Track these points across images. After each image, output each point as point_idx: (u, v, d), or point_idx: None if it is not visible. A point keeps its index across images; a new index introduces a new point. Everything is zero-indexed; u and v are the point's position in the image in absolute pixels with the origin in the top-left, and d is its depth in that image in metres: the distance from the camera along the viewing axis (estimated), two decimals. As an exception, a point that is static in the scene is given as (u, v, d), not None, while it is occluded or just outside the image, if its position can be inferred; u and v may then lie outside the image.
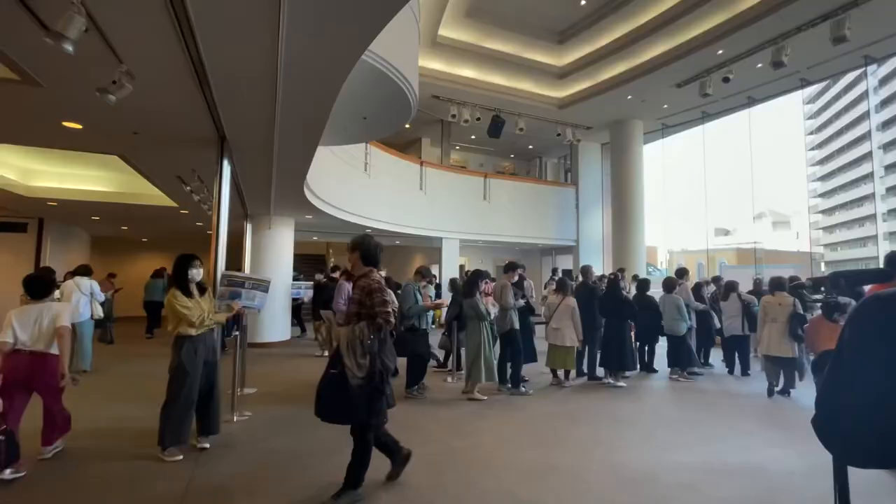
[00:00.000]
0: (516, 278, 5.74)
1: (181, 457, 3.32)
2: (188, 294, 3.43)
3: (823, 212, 44.61)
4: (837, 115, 41.90)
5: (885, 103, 36.07)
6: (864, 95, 38.08)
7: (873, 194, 36.19)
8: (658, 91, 10.04)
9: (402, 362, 5.04)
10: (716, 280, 7.50)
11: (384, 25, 2.48)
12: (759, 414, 4.74)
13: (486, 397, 5.13)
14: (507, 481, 3.09)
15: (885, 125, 35.90)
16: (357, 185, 9.02)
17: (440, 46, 9.36)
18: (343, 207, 8.47)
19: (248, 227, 8.66)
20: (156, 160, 5.11)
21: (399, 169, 10.47)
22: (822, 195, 44.36)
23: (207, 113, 3.51)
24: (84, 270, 6.43)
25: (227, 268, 4.30)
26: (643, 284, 6.73)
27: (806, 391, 5.41)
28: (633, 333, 6.53)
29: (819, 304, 1.09)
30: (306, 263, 14.54)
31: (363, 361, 2.53)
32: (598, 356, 6.15)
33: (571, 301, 5.84)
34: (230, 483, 3.04)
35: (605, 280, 6.89)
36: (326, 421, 2.73)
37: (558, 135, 11.80)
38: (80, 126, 4.00)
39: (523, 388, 5.44)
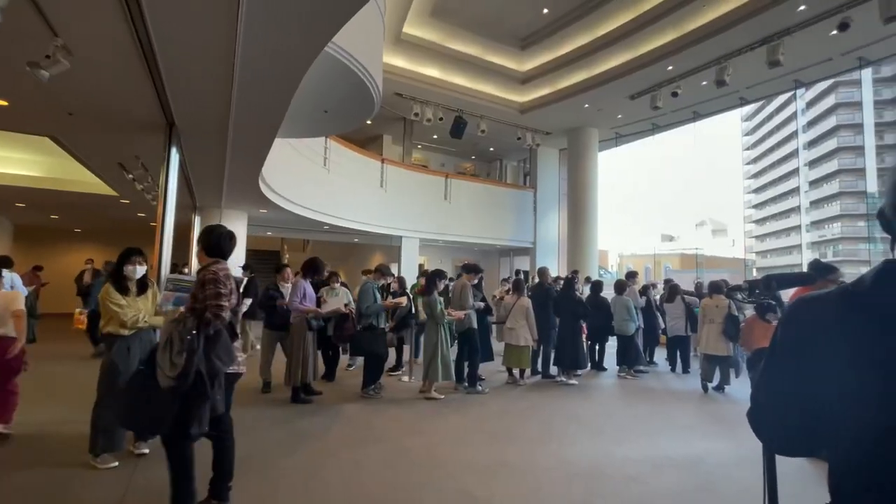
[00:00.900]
0: (476, 280, 5.80)
1: (116, 463, 3.08)
2: (124, 291, 3.18)
3: (756, 222, 48.38)
4: (770, 133, 45.60)
5: (810, 124, 39.66)
6: (793, 116, 41.74)
7: (799, 207, 39.63)
8: (613, 101, 10.47)
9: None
10: (668, 283, 7.87)
11: (349, 17, 2.43)
12: (697, 409, 5.06)
13: (443, 396, 5.15)
14: (463, 479, 3.12)
15: (811, 144, 39.48)
16: (315, 180, 8.78)
17: (404, 44, 9.30)
18: (300, 202, 8.22)
19: (197, 220, 8.21)
20: (94, 144, 4.73)
21: (359, 165, 10.29)
22: (756, 206, 48.09)
23: (155, 96, 3.29)
24: (3, 262, 5.84)
25: (173, 262, 4.05)
26: (596, 286, 7.00)
27: (739, 387, 5.83)
28: (584, 333, 6.77)
29: (753, 306, 1.16)
30: (259, 259, 13.98)
31: (178, 360, 2.15)
32: (552, 355, 6.33)
33: (526, 301, 5.98)
34: (172, 490, 2.86)
35: (561, 281, 7.11)
36: (128, 429, 2.42)
37: (518, 138, 12.05)
38: (5, 103, 3.64)
39: (480, 387, 5.51)
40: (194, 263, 8.05)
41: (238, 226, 8.63)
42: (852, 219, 37.72)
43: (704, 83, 9.12)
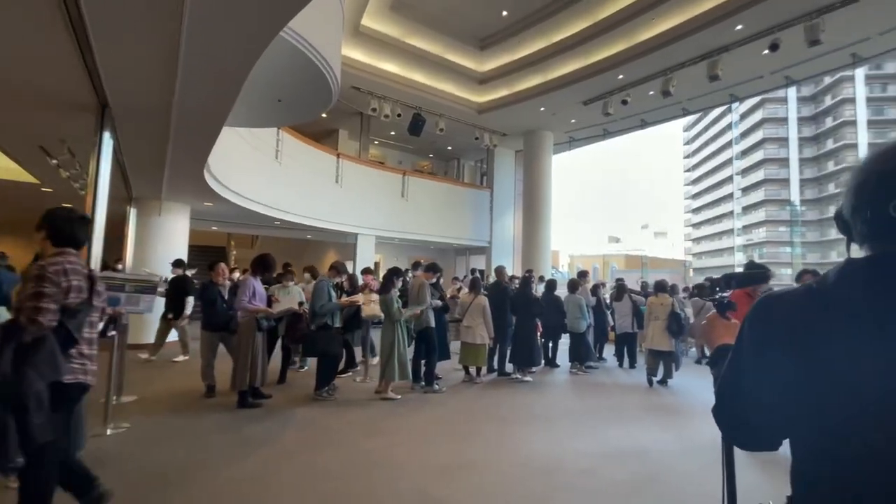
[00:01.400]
0: (435, 279, 5.76)
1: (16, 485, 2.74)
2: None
3: (693, 225, 51.90)
4: (707, 143, 49.07)
5: (743, 135, 43.09)
6: (727, 128, 45.28)
7: (732, 212, 42.93)
8: (567, 106, 10.79)
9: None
10: (617, 282, 8.21)
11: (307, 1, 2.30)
12: (643, 401, 5.31)
13: (399, 396, 5.07)
14: (422, 480, 3.06)
15: (744, 153, 42.92)
16: (266, 172, 8.39)
17: (363, 37, 9.09)
18: (249, 196, 7.81)
19: (132, 213, 7.58)
20: (9, 124, 4.22)
21: (314, 160, 9.95)
22: (693, 211, 51.57)
23: (85, 73, 2.96)
24: None
25: (105, 259, 3.70)
26: (551, 285, 7.17)
27: (681, 380, 6.19)
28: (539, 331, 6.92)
29: (714, 304, 1.19)
30: (204, 255, 13.18)
31: None
32: (508, 352, 6.41)
33: (483, 300, 6.02)
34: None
35: (517, 280, 7.22)
36: None
37: (476, 138, 12.15)
38: None
39: (437, 386, 5.47)
40: (129, 260, 7.44)
41: (180, 219, 8.08)
42: (775, 224, 41.39)
43: (651, 93, 9.60)
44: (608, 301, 7.91)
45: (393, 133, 13.39)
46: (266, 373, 4.67)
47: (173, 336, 6.71)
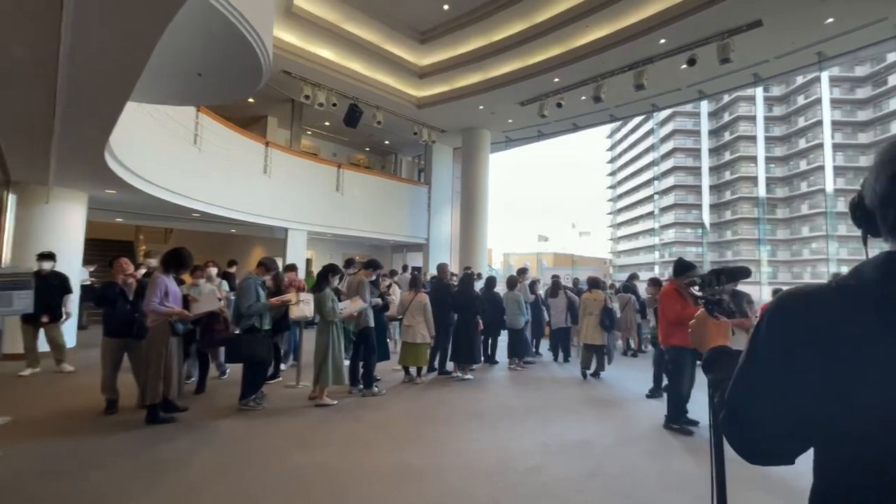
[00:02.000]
0: (374, 277, 5.51)
1: None
2: None
3: (614, 226, 55.84)
4: (628, 149, 53.02)
5: (663, 140, 47.09)
6: (645, 135, 49.36)
7: (653, 213, 46.80)
8: (505, 106, 10.95)
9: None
10: (553, 279, 8.36)
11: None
12: (580, 395, 5.47)
13: (335, 401, 4.76)
14: (365, 491, 2.84)
15: (664, 157, 46.92)
16: (183, 159, 7.54)
17: (296, 18, 8.48)
18: (162, 184, 6.95)
19: (11, 200, 6.42)
20: None
21: (239, 147, 9.14)
22: (615, 212, 55.48)
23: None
24: None
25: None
26: (491, 282, 7.19)
27: (612, 372, 6.48)
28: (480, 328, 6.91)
29: (703, 303, 1.13)
30: (106, 250, 11.65)
31: None
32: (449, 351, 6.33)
33: (424, 298, 5.87)
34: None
35: (455, 278, 7.16)
36: None
37: (415, 133, 11.94)
38: None
39: (376, 388, 5.23)
40: (7, 256, 6.32)
41: (74, 208, 7.00)
42: (682, 226, 45.82)
43: (584, 98, 10.01)
44: (544, 297, 8.13)
45: (328, 123, 12.78)
46: (182, 383, 4.14)
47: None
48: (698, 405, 4.34)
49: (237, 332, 4.47)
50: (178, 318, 3.86)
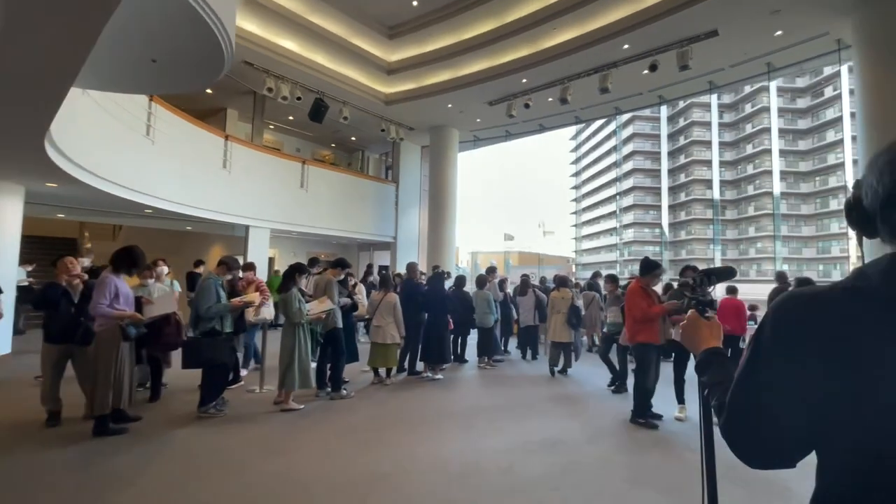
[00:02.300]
0: (342, 276, 5.36)
1: None
2: None
3: (577, 225, 57.40)
4: (593, 149, 54.64)
5: (625, 142, 48.75)
6: (607, 137, 51.03)
7: (615, 212, 48.45)
8: (474, 105, 10.96)
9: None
10: (522, 278, 8.43)
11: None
12: (549, 392, 5.54)
13: (302, 406, 4.60)
14: (336, 499, 2.74)
15: (626, 158, 48.57)
16: (134, 151, 7.07)
17: (258, 6, 8.13)
18: (110, 177, 6.48)
19: (-66, 192, 5.82)
20: None
21: (197, 140, 8.68)
22: (578, 212, 57.04)
23: None
24: None
25: None
26: (460, 280, 7.17)
27: (578, 369, 6.61)
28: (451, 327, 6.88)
29: (694, 303, 1.12)
30: (47, 248, 10.79)
31: None
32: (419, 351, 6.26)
33: (393, 297, 5.77)
34: None
35: (424, 277, 7.09)
36: None
37: (382, 130, 11.76)
38: None
39: (344, 391, 5.09)
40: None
41: (8, 203, 6.43)
42: (641, 226, 47.69)
43: (550, 99, 10.16)
44: (512, 295, 8.20)
45: (291, 118, 12.38)
46: (134, 391, 3.87)
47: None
48: (664, 400, 4.49)
49: (192, 335, 4.21)
50: (130, 321, 3.59)
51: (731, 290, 5.97)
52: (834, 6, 6.76)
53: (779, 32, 7.53)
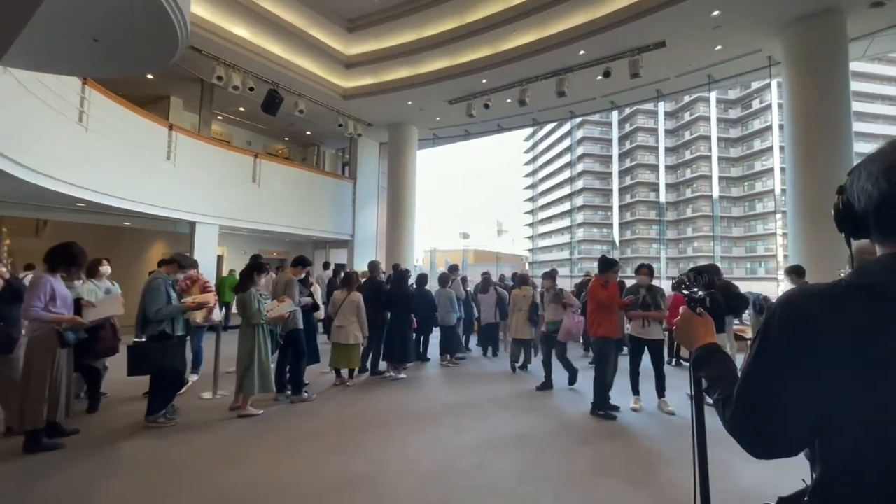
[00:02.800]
0: (303, 275, 5.18)
1: None
2: None
3: (530, 225, 58.97)
4: (547, 149, 56.27)
5: (578, 143, 50.54)
6: (559, 140, 52.77)
7: (570, 211, 50.18)
8: (434, 103, 10.93)
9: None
10: (483, 276, 8.47)
11: None
12: (511, 388, 5.65)
13: (261, 411, 4.40)
14: (305, 509, 2.64)
15: (579, 159, 50.40)
16: (65, 138, 6.43)
17: (207, -12, 7.67)
18: (35, 166, 5.84)
19: None
20: None
21: (138, 129, 8.03)
22: (531, 212, 58.60)
23: None
24: None
25: None
26: (422, 279, 7.14)
27: (538, 365, 6.76)
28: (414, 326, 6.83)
29: (687, 300, 1.16)
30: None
31: None
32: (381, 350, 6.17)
33: (357, 297, 5.66)
34: None
35: (389, 275, 7.01)
36: None
37: (340, 125, 11.47)
38: None
39: (306, 394, 4.93)
40: None
41: (-90, 193, 5.64)
42: (589, 226, 49.80)
43: (509, 100, 10.35)
44: (473, 293, 8.28)
45: (242, 109, 11.79)
46: (72, 402, 3.53)
47: None
48: (620, 392, 4.71)
49: (137, 339, 3.91)
50: (68, 325, 3.26)
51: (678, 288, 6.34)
52: (766, 25, 7.37)
53: (719, 47, 8.09)
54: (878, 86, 39.73)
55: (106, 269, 4.95)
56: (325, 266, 10.23)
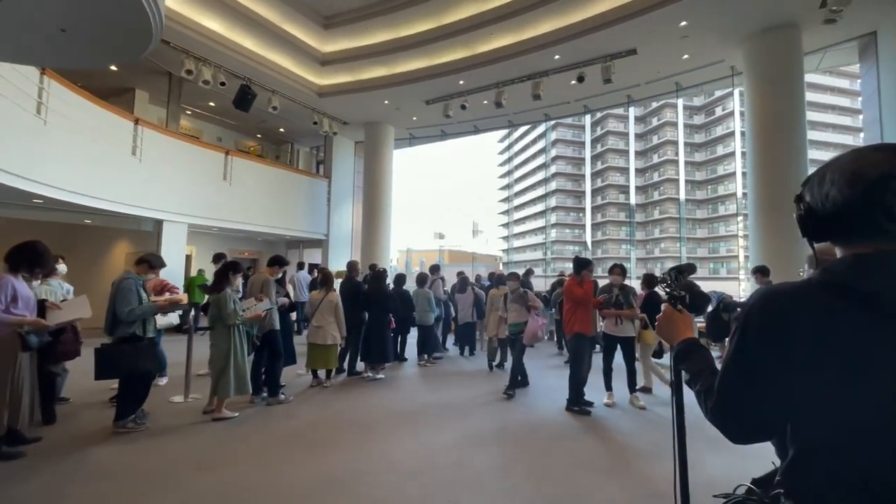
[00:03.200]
0: (280, 274, 5.09)
1: None
2: None
3: (504, 225, 59.65)
4: (521, 151, 57.03)
5: (552, 145, 51.44)
6: (532, 142, 53.62)
7: (543, 212, 50.99)
8: (411, 103, 10.93)
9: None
10: (459, 276, 8.54)
11: None
12: (489, 387, 5.71)
13: (236, 413, 4.31)
14: (287, 511, 2.62)
15: (553, 161, 51.29)
16: (21, 131, 6.10)
17: (177, -21, 7.43)
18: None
19: None
20: None
21: (101, 123, 7.68)
22: (505, 212, 59.29)
23: None
24: None
25: None
26: (400, 279, 7.14)
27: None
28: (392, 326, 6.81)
29: (668, 297, 1.23)
30: None
31: None
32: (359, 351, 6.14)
33: (335, 297, 5.61)
34: None
35: (366, 275, 6.97)
36: None
37: (315, 123, 11.30)
38: None
39: (282, 396, 4.85)
40: None
41: None
42: (562, 227, 50.81)
43: (486, 102, 10.44)
44: (450, 293, 8.33)
45: (213, 104, 11.45)
46: (36, 408, 3.36)
47: None
48: (594, 388, 4.86)
49: (109, 341, 3.77)
50: (31, 328, 3.11)
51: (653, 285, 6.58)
52: (729, 37, 7.74)
53: (686, 56, 8.44)
54: (831, 97, 42.22)
55: (62, 267, 4.73)
56: (300, 266, 10.07)
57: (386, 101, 10.91)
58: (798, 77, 7.47)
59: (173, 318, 5.06)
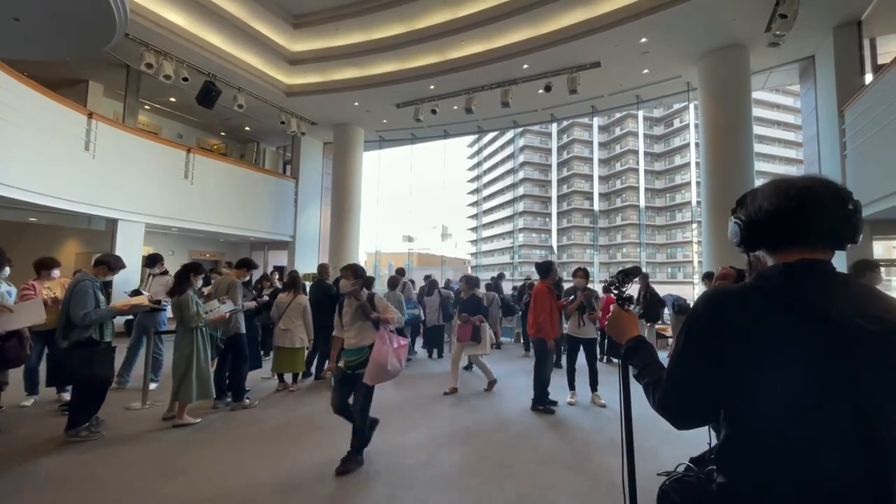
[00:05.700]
0: (247, 277, 4.99)
1: None
2: None
3: (473, 229, 60.22)
4: (490, 156, 57.75)
5: (520, 151, 52.34)
6: (507, 144, 54.53)
7: (511, 216, 51.78)
8: (381, 106, 10.93)
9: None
10: (427, 279, 8.62)
11: None
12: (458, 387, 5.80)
13: (199, 419, 4.20)
14: (254, 515, 2.60)
15: (521, 166, 52.15)
16: (-38, 122, 5.71)
17: (138, -30, 7.15)
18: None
19: None
20: None
21: (50, 115, 7.25)
22: (474, 216, 59.91)
23: None
24: None
25: None
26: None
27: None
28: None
29: (616, 298, 1.34)
30: None
31: None
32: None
33: (303, 299, 5.56)
34: None
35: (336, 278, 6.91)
36: None
37: (282, 122, 11.09)
38: None
39: (247, 400, 4.76)
40: None
41: None
42: (528, 231, 51.83)
43: (456, 107, 10.57)
44: (419, 296, 8.36)
45: (173, 99, 11.03)
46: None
47: None
48: (558, 388, 5.03)
49: (65, 345, 3.59)
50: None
51: (609, 290, 6.87)
52: (685, 55, 8.21)
53: (646, 70, 8.87)
54: (777, 113, 45.21)
55: (5, 270, 4.45)
56: (277, 269, 9.83)
57: (356, 103, 10.86)
58: (745, 94, 8.01)
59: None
